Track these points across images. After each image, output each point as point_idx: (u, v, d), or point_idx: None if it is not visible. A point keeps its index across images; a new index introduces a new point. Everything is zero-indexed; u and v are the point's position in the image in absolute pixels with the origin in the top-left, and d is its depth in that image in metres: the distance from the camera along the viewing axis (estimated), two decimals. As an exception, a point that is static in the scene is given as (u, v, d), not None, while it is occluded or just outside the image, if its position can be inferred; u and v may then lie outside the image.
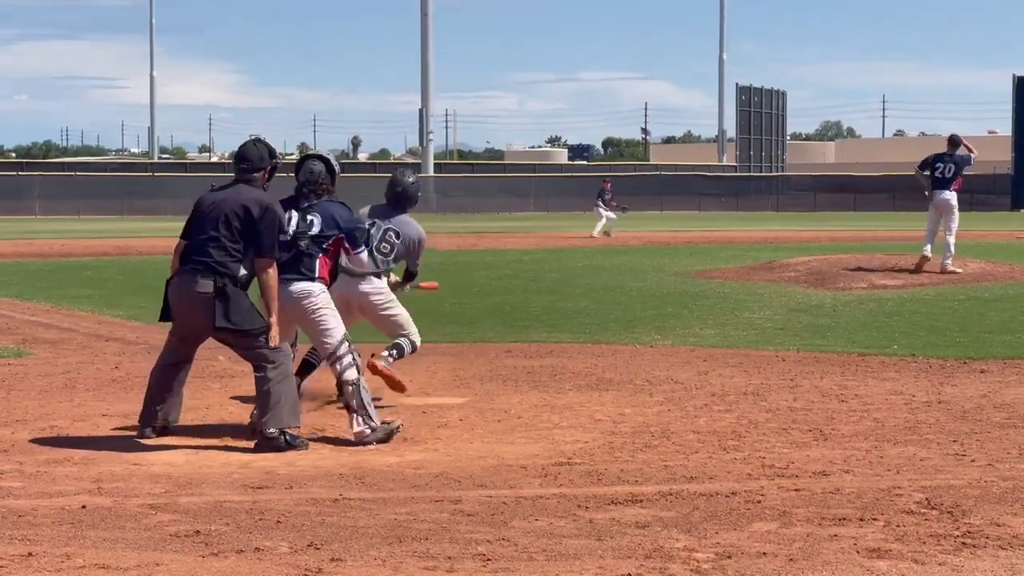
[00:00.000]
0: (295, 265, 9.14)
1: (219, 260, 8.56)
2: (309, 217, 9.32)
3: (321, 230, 9.32)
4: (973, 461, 7.96)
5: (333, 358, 9.17)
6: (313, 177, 9.49)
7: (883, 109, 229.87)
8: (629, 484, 7.37)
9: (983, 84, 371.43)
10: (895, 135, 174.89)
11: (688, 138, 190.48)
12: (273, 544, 6.10)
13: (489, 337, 14.74)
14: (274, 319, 8.68)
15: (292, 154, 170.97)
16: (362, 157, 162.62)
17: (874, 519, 6.49)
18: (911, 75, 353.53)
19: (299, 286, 9.10)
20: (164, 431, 8.91)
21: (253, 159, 8.82)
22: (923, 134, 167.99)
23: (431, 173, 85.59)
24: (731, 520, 6.51)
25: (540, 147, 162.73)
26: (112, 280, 24.08)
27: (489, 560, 5.80)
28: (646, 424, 9.33)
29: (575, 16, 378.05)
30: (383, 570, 5.69)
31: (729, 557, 5.82)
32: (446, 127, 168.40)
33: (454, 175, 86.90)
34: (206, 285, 8.54)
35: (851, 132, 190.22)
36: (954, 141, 22.94)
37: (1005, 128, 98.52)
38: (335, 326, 9.20)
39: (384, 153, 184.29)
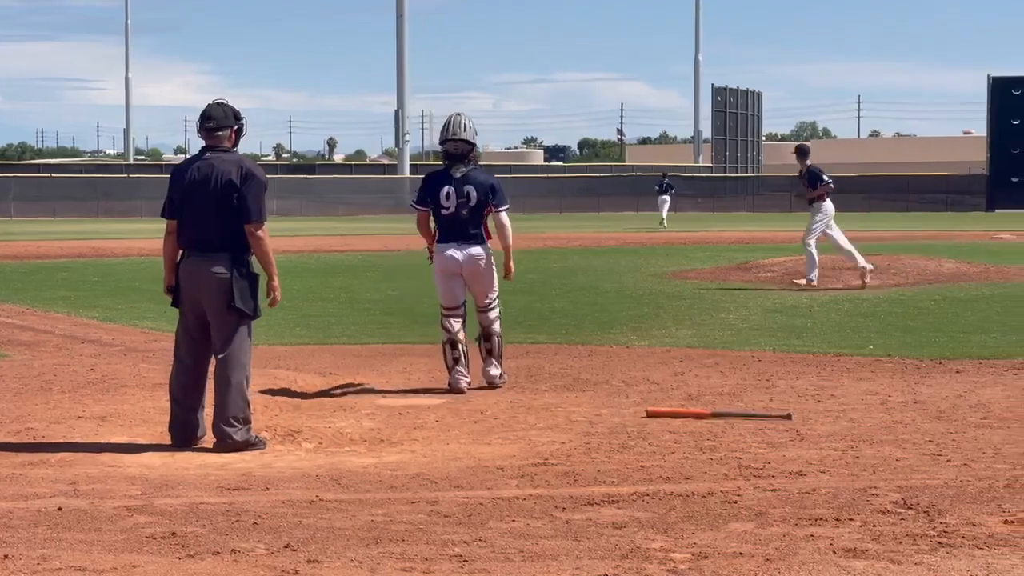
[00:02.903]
0: (467, 230, 11.07)
1: (228, 240, 8.53)
2: (465, 188, 11.01)
3: (479, 200, 11.03)
4: (949, 461, 7.99)
5: (489, 309, 11.22)
6: (458, 150, 11.08)
7: (858, 110, 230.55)
8: (606, 485, 7.38)
9: (958, 84, 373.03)
10: (870, 136, 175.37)
11: (664, 139, 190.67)
12: (250, 546, 6.09)
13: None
14: (275, 282, 8.72)
15: (268, 155, 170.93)
16: (338, 158, 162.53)
17: (850, 519, 6.51)
18: (886, 75, 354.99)
19: (476, 248, 11.09)
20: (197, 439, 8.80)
21: (218, 117, 8.75)
22: (898, 135, 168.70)
23: (407, 174, 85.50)
24: (708, 520, 6.52)
25: (516, 148, 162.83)
26: (87, 282, 24.00)
27: (466, 561, 5.80)
28: (623, 425, 9.33)
29: (551, 17, 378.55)
30: (360, 571, 5.68)
31: (706, 557, 5.83)
32: (422, 128, 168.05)
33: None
34: (222, 267, 8.52)
35: (826, 132, 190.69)
36: (802, 151, 22.31)
37: (980, 128, 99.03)
38: (497, 283, 11.28)
39: (360, 154, 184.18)
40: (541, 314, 17.38)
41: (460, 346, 11.09)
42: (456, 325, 11.17)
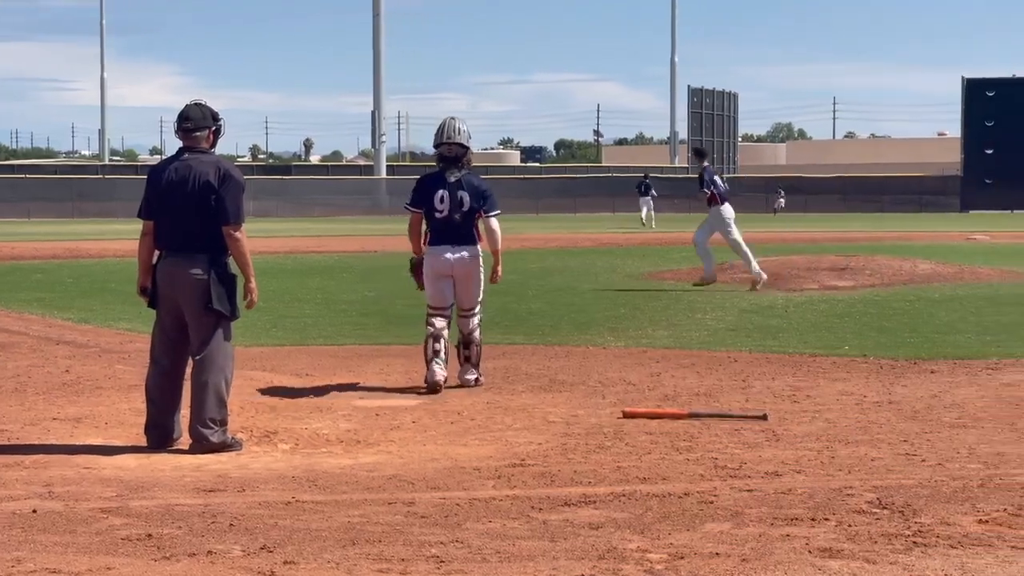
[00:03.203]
0: (460, 233, 11.27)
1: (206, 241, 8.52)
2: (459, 194, 11.24)
3: (471, 205, 11.26)
4: (924, 461, 8.02)
5: (472, 315, 11.43)
6: (453, 153, 11.31)
7: (834, 111, 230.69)
8: (582, 485, 7.38)
9: (933, 86, 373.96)
10: (846, 136, 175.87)
11: (640, 140, 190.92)
12: (226, 547, 6.08)
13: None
14: (253, 284, 8.71)
15: (244, 156, 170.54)
16: (314, 159, 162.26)
17: (826, 519, 6.52)
18: (862, 77, 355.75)
19: (468, 251, 11.28)
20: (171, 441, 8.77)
21: (195, 117, 8.73)
22: (873, 136, 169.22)
23: (384, 175, 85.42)
24: (684, 521, 6.53)
25: (493, 149, 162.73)
26: (62, 283, 23.91)
27: (443, 562, 5.80)
28: (599, 425, 9.34)
29: (527, 18, 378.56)
30: (336, 572, 5.67)
31: (682, 558, 5.84)
32: (399, 129, 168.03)
33: (407, 177, 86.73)
34: (200, 268, 8.50)
35: (802, 134, 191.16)
36: (699, 153, 22.42)
37: (954, 130, 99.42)
38: (483, 289, 11.48)
39: (337, 155, 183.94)
40: (518, 315, 17.39)
41: (443, 341, 11.21)
42: (441, 323, 11.31)
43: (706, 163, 21.99)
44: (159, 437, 8.69)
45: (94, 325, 16.35)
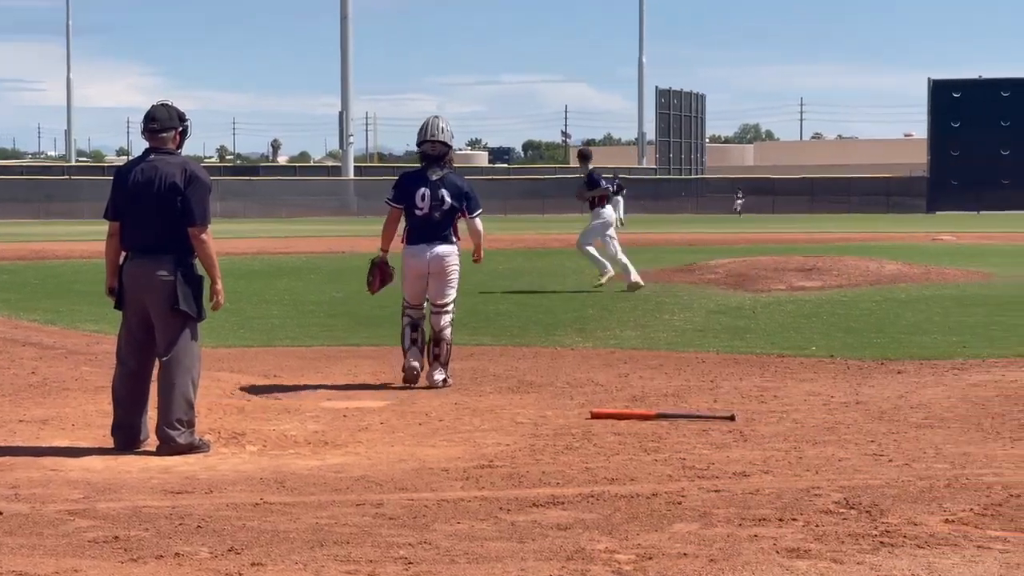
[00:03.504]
0: (438, 231, 11.38)
1: (172, 242, 8.48)
2: (440, 192, 11.35)
3: (451, 204, 11.39)
4: (890, 461, 8.05)
5: (444, 311, 11.47)
6: (435, 151, 11.46)
7: (801, 112, 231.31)
8: (551, 486, 7.38)
9: (900, 87, 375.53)
10: (813, 138, 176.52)
11: (608, 141, 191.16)
12: (193, 549, 6.06)
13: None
14: (219, 286, 8.68)
15: (211, 157, 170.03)
16: (282, 160, 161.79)
17: (793, 519, 6.54)
18: (828, 78, 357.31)
19: (445, 248, 11.40)
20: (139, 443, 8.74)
21: (162, 118, 8.69)
22: (840, 136, 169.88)
23: (351, 176, 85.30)
24: (652, 521, 6.54)
25: (461, 150, 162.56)
26: (28, 284, 23.80)
27: (411, 563, 5.79)
28: (567, 426, 9.35)
29: (495, 19, 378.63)
30: (304, 574, 5.66)
31: (650, 558, 5.85)
32: (366, 130, 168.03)
33: (375, 178, 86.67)
34: (166, 270, 8.46)
35: (769, 135, 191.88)
36: (584, 155, 22.46)
37: (921, 131, 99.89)
38: (457, 287, 11.59)
39: (304, 156, 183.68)
40: (486, 315, 17.38)
41: (420, 330, 11.46)
42: (418, 314, 11.54)
43: (592, 165, 22.07)
44: (126, 439, 8.65)
45: (60, 326, 16.27)
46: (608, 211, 21.70)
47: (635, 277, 20.98)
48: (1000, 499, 6.94)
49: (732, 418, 9.44)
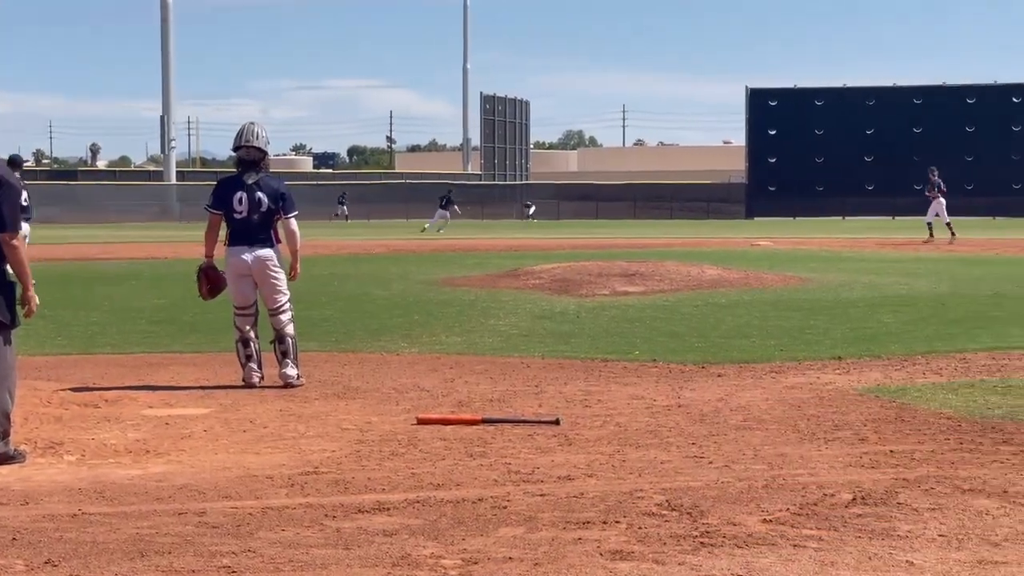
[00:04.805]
0: (258, 234, 11.61)
1: None
2: (257, 195, 11.58)
3: (269, 206, 11.61)
4: (711, 463, 8.18)
5: (281, 311, 11.69)
6: (251, 157, 11.63)
7: (623, 119, 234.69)
8: (376, 492, 7.37)
9: (719, 95, 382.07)
10: (635, 144, 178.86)
11: (433, 146, 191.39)
12: (8, 562, 5.91)
13: (233, 347, 14.54)
14: (31, 292, 8.48)
15: (28, 161, 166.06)
16: (101, 164, 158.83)
17: (617, 522, 6.61)
18: (650, 85, 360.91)
19: (265, 251, 11.63)
20: None
21: None
22: (662, 143, 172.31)
23: (173, 181, 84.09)
24: (478, 526, 6.56)
25: (285, 155, 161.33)
26: None
27: (234, 572, 5.73)
28: (393, 432, 9.33)
29: (319, 24, 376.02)
30: (125, 586, 5.56)
31: (476, 563, 5.87)
32: (189, 134, 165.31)
33: (197, 183, 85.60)
34: None
35: (593, 141, 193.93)
36: (15, 161, 21.26)
37: (739, 139, 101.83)
38: (286, 286, 11.77)
39: (124, 160, 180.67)
40: (311, 321, 17.25)
41: (252, 344, 11.69)
42: (247, 325, 11.74)
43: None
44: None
45: None
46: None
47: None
48: (815, 498, 7.10)
49: (557, 422, 9.52)
